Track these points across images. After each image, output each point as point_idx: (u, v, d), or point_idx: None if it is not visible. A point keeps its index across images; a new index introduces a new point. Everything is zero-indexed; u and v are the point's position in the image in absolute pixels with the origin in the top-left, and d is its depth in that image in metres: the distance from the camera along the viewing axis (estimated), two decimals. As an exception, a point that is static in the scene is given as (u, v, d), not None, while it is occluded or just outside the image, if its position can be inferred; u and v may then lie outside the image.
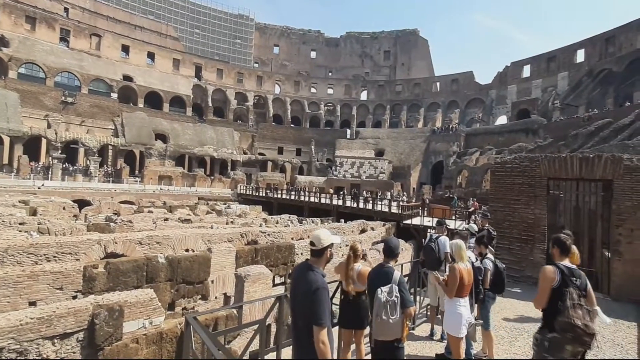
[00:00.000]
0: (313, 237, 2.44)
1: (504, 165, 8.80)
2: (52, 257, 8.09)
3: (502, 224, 8.46)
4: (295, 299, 2.35)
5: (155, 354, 5.45)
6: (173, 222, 15.84)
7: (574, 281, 2.79)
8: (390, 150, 50.15)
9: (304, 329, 2.23)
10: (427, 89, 62.39)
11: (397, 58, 70.63)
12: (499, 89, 53.25)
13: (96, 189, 29.64)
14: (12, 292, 6.26)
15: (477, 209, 15.71)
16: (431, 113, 58.69)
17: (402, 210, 19.51)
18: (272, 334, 5.96)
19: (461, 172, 37.72)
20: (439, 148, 45.28)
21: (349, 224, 16.78)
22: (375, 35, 72.60)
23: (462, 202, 22.30)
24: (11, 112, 33.60)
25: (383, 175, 43.81)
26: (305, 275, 2.29)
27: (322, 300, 2.18)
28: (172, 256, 8.81)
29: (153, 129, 43.75)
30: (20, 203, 17.47)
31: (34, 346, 4.41)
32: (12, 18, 42.39)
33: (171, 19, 61.16)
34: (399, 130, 56.28)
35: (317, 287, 2.20)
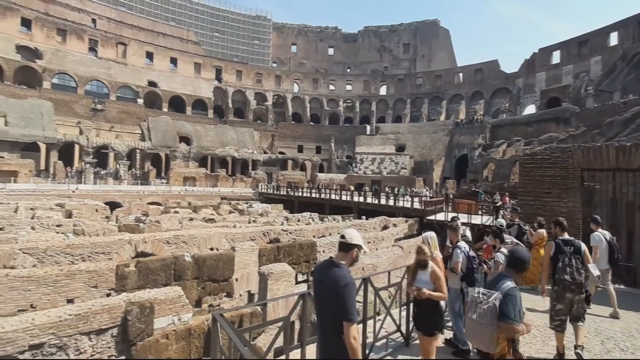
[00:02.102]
0: (344, 231, 2.45)
1: (534, 157, 8.40)
2: (87, 256, 8.53)
3: (533, 218, 8.08)
4: (322, 295, 2.34)
5: (184, 349, 5.62)
6: (198, 222, 16.29)
7: (567, 249, 4.21)
8: (411, 145, 49.20)
9: (331, 326, 2.23)
10: (450, 81, 60.60)
11: (417, 50, 69.03)
12: (526, 77, 50.85)
13: (126, 191, 30.99)
14: (51, 290, 6.65)
15: (507, 203, 15.11)
16: (454, 105, 57.02)
17: (425, 205, 19.09)
18: (295, 331, 6.00)
19: (487, 165, 36.43)
20: (463, 141, 43.91)
21: (371, 221, 16.63)
22: (394, 28, 71.28)
23: (489, 197, 21.53)
24: (46, 121, 35.70)
25: (404, 171, 43.07)
26: (332, 271, 2.29)
27: (352, 296, 2.20)
28: (198, 255, 9.06)
29: (177, 132, 45.16)
30: (57, 206, 18.54)
31: (72, 341, 4.65)
32: (44, 31, 44.95)
33: (192, 24, 62.76)
34: (420, 124, 55.08)
35: (346, 283, 2.20)
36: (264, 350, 4.55)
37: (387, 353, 4.23)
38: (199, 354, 5.75)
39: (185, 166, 41.17)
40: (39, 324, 4.40)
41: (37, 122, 34.76)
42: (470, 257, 4.25)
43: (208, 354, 5.65)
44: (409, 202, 20.83)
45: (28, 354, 4.33)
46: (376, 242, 12.57)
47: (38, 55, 42.99)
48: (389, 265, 9.22)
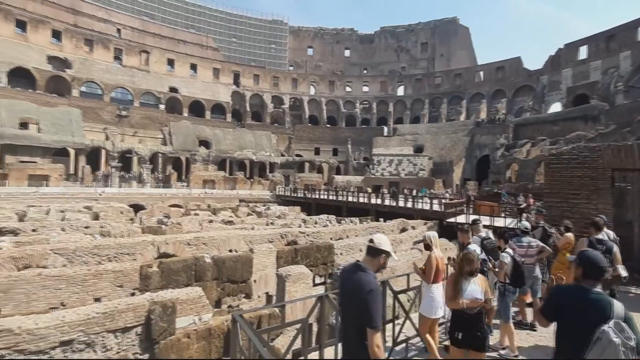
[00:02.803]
0: (374, 236, 2.42)
1: (561, 157, 8.06)
2: (113, 257, 8.86)
3: (560, 220, 7.75)
4: (345, 300, 2.31)
5: (205, 349, 5.72)
6: (217, 224, 16.60)
7: (599, 247, 4.36)
8: (430, 146, 48.36)
9: (355, 331, 2.19)
10: (470, 80, 59.24)
11: (436, 49, 67.92)
12: (551, 74, 48.99)
13: (149, 194, 32.02)
14: (80, 289, 6.94)
15: (532, 205, 14.57)
16: (474, 104, 55.66)
17: (445, 207, 18.67)
18: (313, 333, 6.00)
19: (510, 166, 35.31)
20: (484, 141, 42.76)
21: (388, 223, 16.43)
22: (412, 28, 70.47)
23: (512, 198, 20.82)
24: (75, 127, 37.46)
25: (423, 172, 42.36)
26: (357, 275, 2.23)
27: (377, 302, 2.13)
28: (218, 256, 9.22)
29: (197, 136, 46.32)
30: (85, 209, 19.36)
31: (99, 338, 4.84)
32: (73, 42, 47.29)
33: (210, 31, 64.34)
34: (439, 124, 54.08)
35: (371, 289, 2.14)
36: (283, 352, 4.57)
37: (407, 358, 4.16)
38: (219, 354, 5.84)
39: (204, 169, 42.11)
40: (68, 322, 4.61)
41: (67, 128, 36.53)
42: (481, 261, 4.16)
43: (228, 354, 5.74)
44: (427, 204, 20.44)
45: (59, 350, 4.53)
46: (394, 244, 12.40)
47: (67, 65, 45.24)
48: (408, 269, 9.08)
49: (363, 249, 11.60)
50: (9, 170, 29.39)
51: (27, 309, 6.28)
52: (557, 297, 2.39)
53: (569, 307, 2.23)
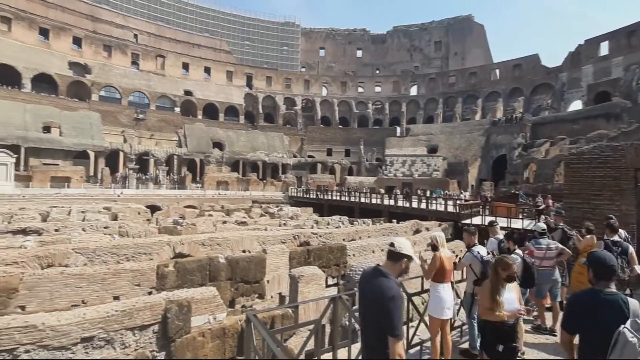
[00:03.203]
0: (394, 239, 2.36)
1: (581, 156, 7.80)
2: (131, 256, 9.09)
3: (581, 222, 7.51)
4: (366, 306, 2.25)
5: (219, 348, 5.80)
6: (230, 225, 16.81)
7: (615, 249, 4.37)
8: (444, 146, 47.65)
9: (375, 339, 2.14)
10: (485, 78, 58.08)
11: (450, 48, 66.91)
12: (570, 71, 47.52)
13: (165, 195, 32.72)
14: (100, 287, 7.16)
15: (551, 206, 14.17)
16: (490, 103, 54.50)
17: (460, 209, 18.35)
18: (326, 334, 5.99)
19: (528, 166, 34.43)
20: (500, 141, 41.81)
21: (402, 224, 16.27)
22: (425, 27, 69.66)
23: (531, 199, 20.29)
24: (95, 131, 38.66)
25: (437, 173, 41.77)
26: (378, 281, 2.16)
27: (399, 310, 2.07)
28: (231, 257, 9.34)
29: (211, 138, 47.05)
30: (104, 209, 19.95)
31: (118, 335, 4.97)
32: (92, 48, 48.87)
33: (224, 34, 65.29)
34: (453, 124, 53.22)
35: (392, 295, 2.06)
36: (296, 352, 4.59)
37: None
38: (233, 353, 5.92)
39: (218, 171, 42.71)
40: (89, 319, 4.76)
41: (87, 132, 37.74)
42: (484, 262, 4.13)
43: (241, 353, 5.80)
44: (442, 205, 20.14)
45: (80, 346, 4.68)
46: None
47: (87, 70, 46.76)
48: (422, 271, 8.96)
49: (376, 251, 11.54)
50: (33, 172, 30.57)
51: (51, 306, 6.52)
52: (571, 306, 2.34)
53: (584, 312, 2.18)
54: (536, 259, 5.15)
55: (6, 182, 28.26)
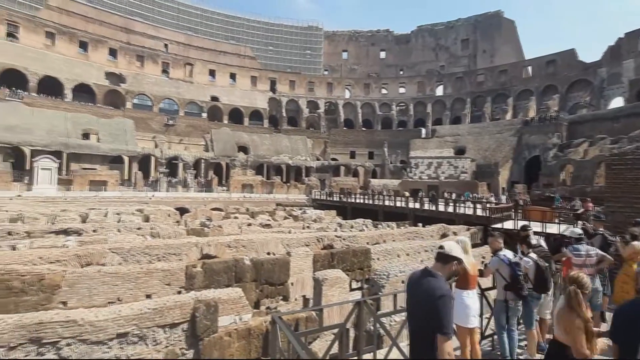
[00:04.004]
0: (443, 242, 2.43)
1: (624, 157, 7.29)
2: (162, 257, 9.47)
3: (624, 227, 6.99)
4: (414, 306, 2.28)
5: (245, 348, 5.90)
6: (255, 227, 17.11)
7: None
8: (472, 148, 46.09)
9: (424, 339, 2.15)
10: (516, 76, 55.64)
11: (478, 46, 64.77)
12: (610, 66, 44.57)
13: (192, 198, 33.86)
14: (133, 285, 7.50)
15: (590, 210, 13.32)
16: (522, 102, 52.12)
17: (490, 212, 17.63)
18: (350, 338, 5.94)
19: (564, 168, 32.58)
20: (533, 141, 39.84)
21: (428, 228, 15.87)
22: (451, 25, 67.89)
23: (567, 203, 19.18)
24: (129, 137, 40.75)
25: (465, 175, 40.45)
26: (427, 281, 2.20)
27: (448, 309, 2.08)
28: (256, 259, 9.50)
29: (236, 142, 48.25)
30: (137, 211, 20.91)
31: (150, 332, 5.18)
32: (126, 58, 51.73)
33: (249, 41, 66.93)
34: (482, 124, 51.37)
35: (442, 294, 2.09)
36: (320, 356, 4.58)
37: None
38: (258, 354, 5.99)
39: (243, 174, 43.67)
40: (124, 315, 4.99)
41: (122, 138, 39.87)
42: (513, 264, 4.01)
43: (266, 354, 5.86)
44: (471, 209, 19.46)
45: (116, 341, 4.92)
46: (434, 251, 11.92)
47: (122, 80, 49.49)
48: (449, 276, 8.68)
49: (401, 255, 11.32)
50: (74, 176, 32.66)
51: (89, 302, 6.91)
52: (618, 316, 2.26)
53: (630, 322, 2.11)
54: (575, 266, 4.86)
55: (50, 185, 30.40)
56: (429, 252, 11.86)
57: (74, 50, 47.45)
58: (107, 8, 53.79)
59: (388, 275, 7.62)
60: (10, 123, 33.03)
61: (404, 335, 4.85)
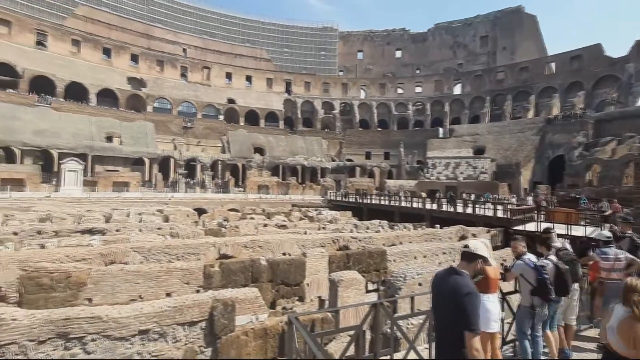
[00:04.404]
0: (469, 241, 2.45)
1: (654, 156, 6.93)
2: (181, 256, 9.69)
3: (656, 230, 6.64)
4: (440, 304, 2.31)
5: (262, 347, 5.95)
6: (271, 228, 17.25)
7: None
8: (492, 147, 44.92)
9: (450, 336, 2.17)
10: (539, 72, 53.81)
11: (497, 42, 63.11)
12: (638, 61, 42.52)
13: (210, 198, 34.50)
14: (154, 284, 7.71)
15: (618, 211, 12.73)
16: (545, 100, 50.38)
17: (511, 214, 17.11)
18: (367, 341, 5.89)
19: (591, 168, 31.29)
20: (557, 140, 38.43)
21: (446, 230, 15.57)
22: (469, 22, 66.47)
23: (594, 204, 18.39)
24: (149, 139, 41.96)
25: (485, 176, 39.45)
26: (453, 279, 2.24)
27: (475, 305, 2.11)
28: (272, 259, 9.58)
29: (252, 143, 48.86)
30: (158, 212, 21.50)
31: (170, 330, 5.31)
32: (147, 63, 53.38)
33: (264, 43, 67.72)
34: (502, 123, 49.99)
35: (468, 291, 2.13)
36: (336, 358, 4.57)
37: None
38: (274, 353, 6.03)
39: (259, 175, 44.16)
40: (146, 313, 5.14)
41: (143, 140, 41.11)
42: (538, 268, 3.87)
43: (283, 354, 5.89)
44: (491, 210, 18.94)
45: (138, 338, 5.07)
46: (453, 253, 11.69)
47: (143, 84, 51.08)
48: (468, 279, 8.47)
49: (418, 257, 11.15)
50: (98, 178, 33.93)
51: (112, 299, 7.15)
52: None
53: None
54: (603, 270, 4.66)
55: (76, 186, 31.69)
56: (447, 255, 11.63)
57: (98, 56, 49.37)
58: (129, 15, 55.72)
59: (405, 277, 7.52)
60: (39, 127, 34.68)
61: (422, 339, 4.78)
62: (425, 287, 7.53)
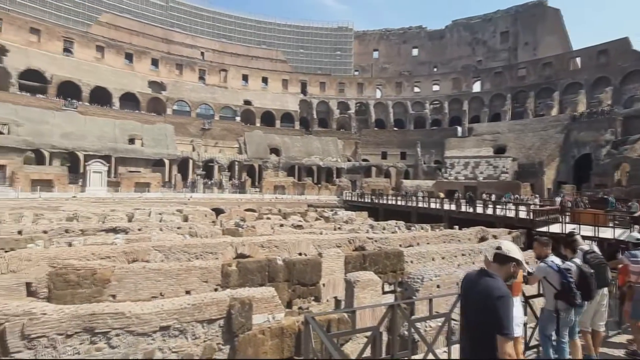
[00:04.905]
0: (501, 242, 2.37)
1: (691, 154, 6.54)
2: (200, 255, 9.90)
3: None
4: (471, 307, 2.26)
5: (278, 346, 6.00)
6: (287, 228, 17.36)
7: None
8: (513, 146, 43.59)
9: (481, 341, 2.13)
10: (563, 68, 51.78)
11: (519, 38, 61.16)
12: (671, 54, 40.27)
13: (227, 199, 35.07)
14: (174, 282, 7.91)
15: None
16: (569, 96, 48.45)
17: (534, 215, 16.54)
18: (383, 342, 5.84)
19: (619, 166, 29.88)
20: (583, 138, 36.89)
21: (465, 231, 15.22)
22: (489, 17, 64.75)
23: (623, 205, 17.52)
24: (169, 141, 43.09)
25: (506, 175, 38.33)
26: (484, 281, 2.18)
27: (508, 309, 2.06)
28: (288, 259, 9.64)
29: (268, 144, 49.35)
30: (177, 212, 22.04)
31: (190, 327, 5.43)
32: (167, 67, 54.85)
33: (280, 45, 68.29)
34: (524, 121, 48.42)
35: (501, 294, 2.07)
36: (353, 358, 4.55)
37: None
38: (291, 353, 6.07)
39: (275, 175, 44.54)
40: (166, 310, 5.28)
41: (163, 142, 42.28)
42: (562, 271, 3.74)
43: (299, 353, 5.92)
44: (512, 211, 18.39)
45: (159, 334, 5.22)
46: (472, 255, 11.43)
47: (163, 88, 52.54)
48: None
49: (436, 258, 10.96)
50: (121, 178, 35.14)
51: (135, 296, 7.38)
52: None
53: None
54: (633, 274, 4.45)
55: (101, 187, 32.94)
56: (467, 256, 11.37)
57: (121, 61, 51.14)
58: (149, 21, 57.46)
59: (422, 278, 7.41)
60: (66, 130, 36.27)
61: (441, 342, 4.69)
62: (443, 290, 7.39)
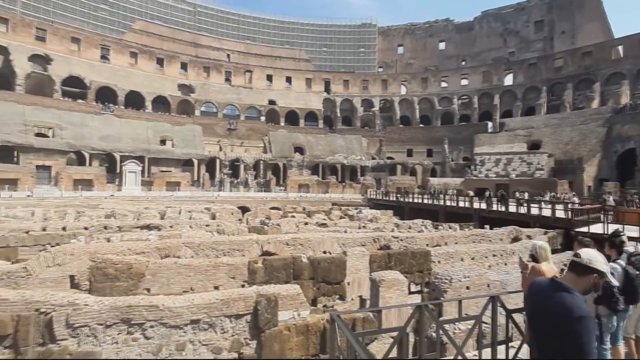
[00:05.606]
0: (582, 250, 2.08)
1: None
2: (227, 252, 10.18)
3: None
4: (541, 325, 1.98)
5: (303, 343, 6.05)
6: (312, 226, 17.46)
7: None
8: (549, 141, 41.23)
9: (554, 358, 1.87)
10: (604, 57, 48.19)
11: (555, 27, 57.66)
12: None
13: (253, 197, 35.81)
14: (203, 277, 8.18)
15: None
16: (612, 87, 45.07)
17: (573, 214, 15.57)
18: (410, 343, 5.73)
19: (668, 162, 27.45)
20: (627, 132, 34.24)
21: (496, 231, 14.60)
22: (522, 6, 61.54)
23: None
24: (197, 141, 44.61)
25: (541, 172, 36.35)
26: (560, 296, 1.87)
27: (590, 333, 1.78)
28: (313, 257, 9.68)
29: (292, 143, 49.82)
30: (205, 210, 22.77)
31: (218, 321, 5.60)
32: (195, 70, 56.74)
33: (303, 44, 68.63)
34: (561, 115, 45.63)
35: (581, 315, 1.78)
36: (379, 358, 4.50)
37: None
38: (316, 350, 6.10)
39: (299, 174, 44.89)
40: (196, 304, 5.47)
41: (192, 143, 43.83)
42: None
43: (324, 351, 5.94)
44: (548, 210, 17.41)
45: (189, 327, 5.42)
46: (504, 256, 10.95)
47: (191, 90, 54.44)
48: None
49: (465, 259, 10.61)
50: (154, 178, 36.83)
51: (167, 290, 7.72)
52: None
53: None
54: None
55: (135, 186, 34.71)
56: (498, 257, 10.92)
57: (152, 66, 53.50)
58: (178, 26, 59.68)
59: (450, 279, 7.19)
60: (104, 133, 38.51)
61: (470, 345, 4.53)
62: (473, 291, 7.13)
